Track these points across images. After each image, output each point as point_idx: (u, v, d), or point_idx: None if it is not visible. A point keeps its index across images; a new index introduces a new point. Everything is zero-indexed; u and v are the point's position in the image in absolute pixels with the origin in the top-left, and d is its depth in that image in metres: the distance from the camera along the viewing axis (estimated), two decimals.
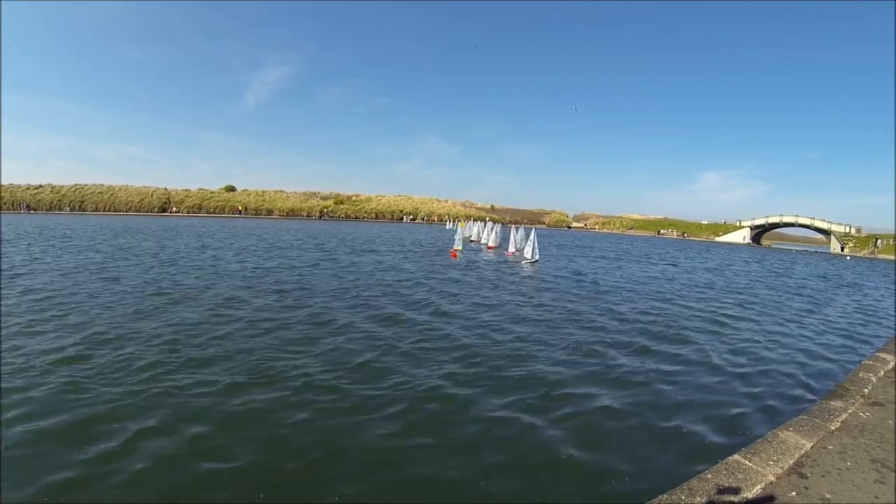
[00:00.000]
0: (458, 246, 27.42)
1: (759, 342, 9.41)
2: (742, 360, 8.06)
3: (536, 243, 22.89)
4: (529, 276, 17.84)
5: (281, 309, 9.95)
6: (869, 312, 14.56)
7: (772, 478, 3.42)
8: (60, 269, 14.10)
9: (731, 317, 11.90)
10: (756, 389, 6.58)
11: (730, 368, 7.49)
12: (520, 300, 12.40)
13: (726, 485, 3.28)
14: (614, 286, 16.34)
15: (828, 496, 3.21)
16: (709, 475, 3.44)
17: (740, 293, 16.59)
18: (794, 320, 12.20)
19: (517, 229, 27.13)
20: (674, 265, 27.40)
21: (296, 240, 31.27)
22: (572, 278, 17.95)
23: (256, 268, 16.12)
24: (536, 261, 22.72)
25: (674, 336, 9.38)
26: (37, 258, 16.30)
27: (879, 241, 57.88)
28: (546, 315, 10.67)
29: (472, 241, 34.57)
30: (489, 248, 29.75)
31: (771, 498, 3.16)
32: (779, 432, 4.25)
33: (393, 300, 11.45)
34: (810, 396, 6.40)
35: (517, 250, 25.47)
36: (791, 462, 3.68)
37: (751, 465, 3.59)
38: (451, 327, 9.08)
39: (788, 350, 9.00)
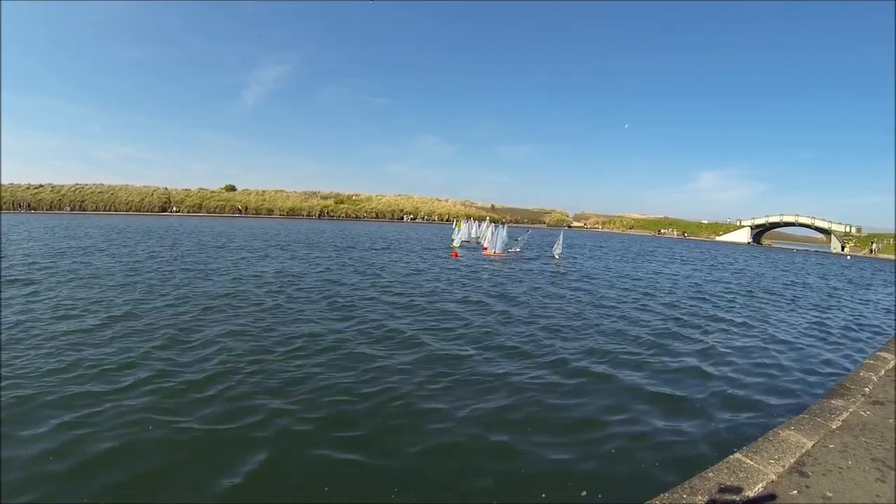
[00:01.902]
0: (455, 244, 28.41)
1: None
2: None
3: (562, 242, 26.34)
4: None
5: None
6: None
7: (773, 476, 3.43)
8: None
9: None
10: None
11: None
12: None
13: (727, 483, 3.28)
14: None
15: (829, 495, 3.22)
16: (710, 473, 3.44)
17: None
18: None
19: (501, 228, 27.13)
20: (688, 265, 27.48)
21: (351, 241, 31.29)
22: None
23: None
24: (559, 256, 25.56)
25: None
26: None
27: (875, 245, 58.00)
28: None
29: (464, 242, 32.84)
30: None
31: (772, 496, 3.17)
32: (780, 431, 4.25)
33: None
34: None
35: (505, 250, 25.24)
36: (792, 461, 3.68)
37: (752, 463, 3.60)
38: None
39: None
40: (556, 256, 25.57)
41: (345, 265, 18.26)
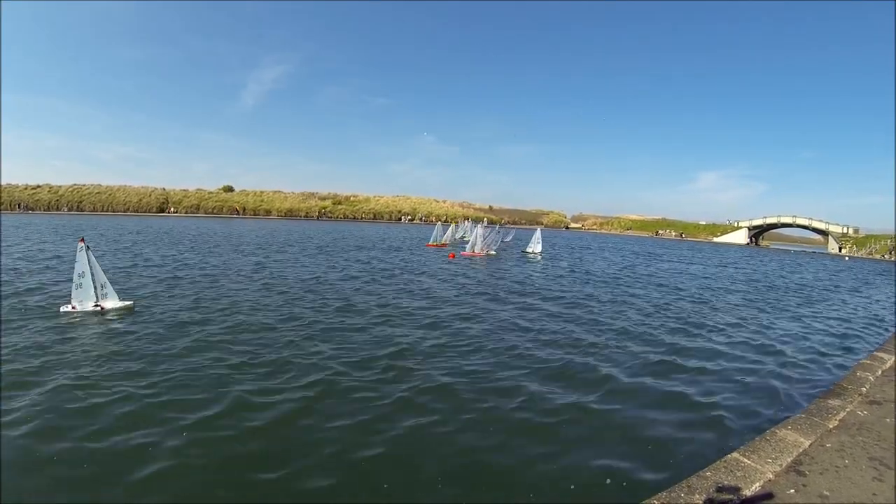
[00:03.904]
0: (433, 241, 30.01)
1: None
2: None
3: (541, 240, 28.64)
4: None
5: None
6: None
7: (770, 475, 3.43)
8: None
9: None
10: None
11: None
12: None
13: (725, 482, 3.28)
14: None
15: (826, 493, 3.21)
16: (708, 473, 3.44)
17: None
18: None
19: (488, 229, 27.13)
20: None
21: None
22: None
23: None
24: (539, 252, 27.59)
25: None
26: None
27: (858, 249, 58.80)
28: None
29: (445, 243, 31.82)
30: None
31: (770, 495, 3.17)
32: (777, 430, 4.26)
33: None
34: None
35: (480, 250, 24.89)
36: (789, 460, 3.68)
37: (749, 462, 3.60)
38: None
39: None
40: (534, 252, 27.79)
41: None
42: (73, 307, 9.23)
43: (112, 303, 9.54)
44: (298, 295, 11.90)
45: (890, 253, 55.73)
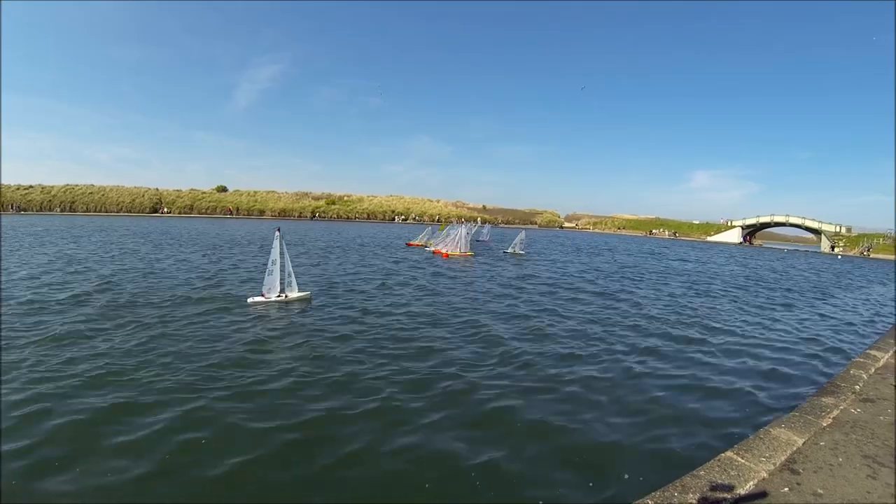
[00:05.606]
0: (416, 241, 30.34)
1: None
2: None
3: (524, 240, 28.54)
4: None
5: None
6: None
7: (764, 474, 3.41)
8: None
9: None
10: None
11: None
12: None
13: (719, 481, 3.25)
14: None
15: (820, 492, 3.20)
16: (701, 472, 3.41)
17: None
18: None
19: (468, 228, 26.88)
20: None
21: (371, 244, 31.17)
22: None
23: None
24: (523, 254, 27.32)
25: None
26: None
27: (864, 245, 59.64)
28: None
29: (424, 243, 30.56)
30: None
31: (763, 494, 3.15)
32: (771, 429, 4.24)
33: None
34: None
35: (456, 250, 24.23)
36: (783, 458, 3.67)
37: (743, 461, 3.58)
38: None
39: None
40: (515, 251, 27.64)
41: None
42: (263, 296, 9.40)
43: (294, 293, 9.83)
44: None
45: (868, 251, 57.57)
